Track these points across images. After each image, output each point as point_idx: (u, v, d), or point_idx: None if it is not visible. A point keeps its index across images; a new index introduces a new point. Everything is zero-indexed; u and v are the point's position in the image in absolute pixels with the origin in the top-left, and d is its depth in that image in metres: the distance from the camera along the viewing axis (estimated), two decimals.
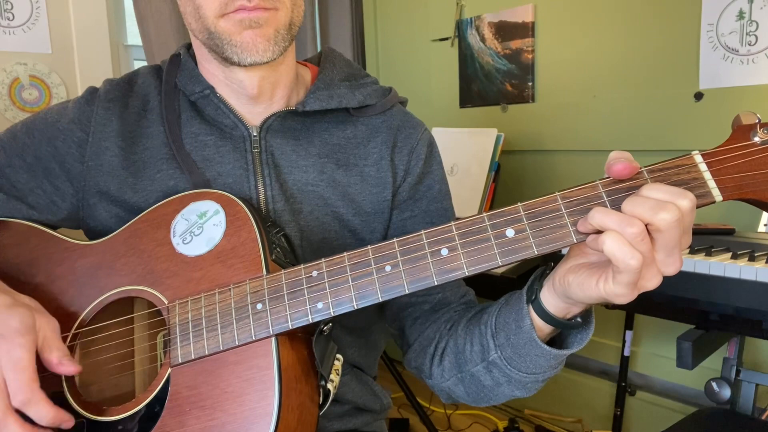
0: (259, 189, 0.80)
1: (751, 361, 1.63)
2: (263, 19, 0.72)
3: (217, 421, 0.64)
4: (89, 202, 0.82)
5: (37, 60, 1.93)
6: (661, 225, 0.52)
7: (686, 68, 1.68)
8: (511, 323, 0.68)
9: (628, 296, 0.56)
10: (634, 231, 0.52)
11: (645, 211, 0.53)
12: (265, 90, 0.81)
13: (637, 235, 0.52)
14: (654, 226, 0.53)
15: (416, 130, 0.89)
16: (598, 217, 0.55)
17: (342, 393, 0.86)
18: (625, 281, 0.54)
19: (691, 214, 0.54)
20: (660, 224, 0.52)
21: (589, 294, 0.58)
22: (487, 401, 0.76)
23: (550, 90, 2.03)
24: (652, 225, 0.53)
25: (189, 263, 0.71)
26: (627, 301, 0.56)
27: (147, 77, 0.86)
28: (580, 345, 0.67)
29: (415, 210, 0.87)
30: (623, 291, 0.55)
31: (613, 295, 0.56)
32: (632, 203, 0.54)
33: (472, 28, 2.20)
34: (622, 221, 0.53)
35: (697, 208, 0.55)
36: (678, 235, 0.53)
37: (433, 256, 0.61)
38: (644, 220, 0.53)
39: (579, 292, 0.59)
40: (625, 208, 0.54)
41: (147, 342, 0.76)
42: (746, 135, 0.56)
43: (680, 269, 0.55)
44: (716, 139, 0.58)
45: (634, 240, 0.53)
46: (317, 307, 0.64)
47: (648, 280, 0.55)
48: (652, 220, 0.52)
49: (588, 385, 2.06)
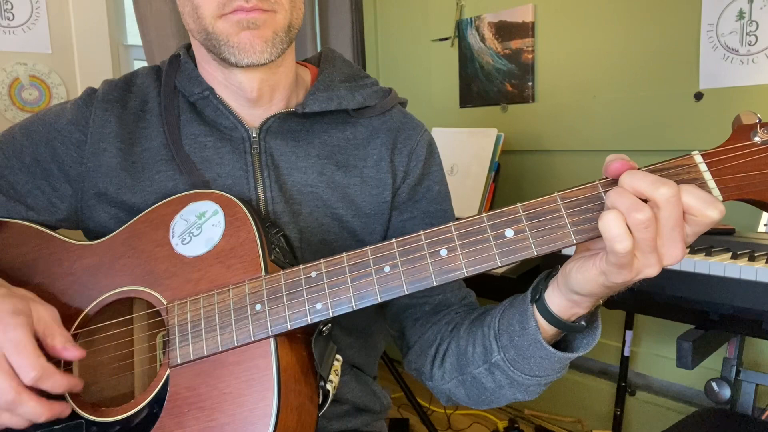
0: (259, 190, 0.80)
1: (751, 361, 1.63)
2: (261, 21, 0.71)
3: (216, 422, 0.64)
4: (88, 203, 0.82)
5: (37, 60, 1.93)
6: (660, 199, 0.51)
7: (686, 68, 1.68)
8: (515, 324, 0.68)
9: (623, 276, 0.55)
10: (641, 217, 0.51)
11: (645, 185, 0.52)
12: (265, 93, 0.80)
13: (643, 221, 0.51)
14: (652, 200, 0.52)
15: (416, 132, 0.88)
16: (612, 195, 0.53)
17: (342, 393, 0.86)
18: (614, 262, 0.54)
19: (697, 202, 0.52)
20: (659, 198, 0.51)
21: (588, 275, 0.57)
22: (487, 404, 0.76)
23: (550, 90, 2.03)
24: (651, 200, 0.52)
25: (188, 264, 0.71)
26: (625, 279, 0.55)
27: (146, 78, 0.86)
28: (585, 349, 0.67)
29: (414, 211, 0.87)
30: (615, 270, 0.54)
31: (610, 273, 0.55)
32: (632, 176, 0.53)
33: (472, 28, 2.20)
34: (632, 205, 0.52)
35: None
36: (677, 215, 0.52)
37: (432, 256, 0.61)
38: (643, 194, 0.52)
39: (579, 276, 0.58)
40: (624, 180, 0.53)
41: (146, 342, 0.76)
42: (746, 135, 0.56)
43: (681, 260, 0.54)
44: (716, 139, 0.58)
45: (638, 226, 0.51)
46: (316, 307, 0.64)
47: (648, 267, 0.54)
48: (652, 194, 0.52)
49: (588, 385, 2.06)
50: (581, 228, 0.57)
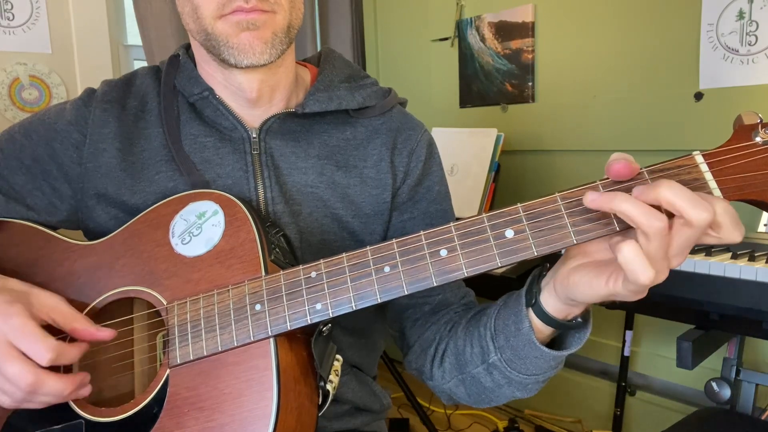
0: (259, 191, 0.80)
1: (751, 361, 1.63)
2: (260, 21, 0.71)
3: (215, 422, 0.64)
4: (88, 203, 0.81)
5: (37, 60, 1.93)
6: (696, 222, 0.50)
7: (686, 68, 1.68)
8: (510, 325, 0.68)
9: (639, 296, 0.55)
10: (661, 225, 0.50)
11: (684, 203, 0.50)
12: (264, 93, 0.80)
13: (661, 230, 0.50)
14: (687, 220, 0.50)
15: (416, 132, 0.88)
16: (626, 205, 0.51)
17: (342, 393, 0.86)
18: (633, 289, 0.54)
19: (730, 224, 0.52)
20: (695, 220, 0.50)
21: (598, 293, 0.57)
22: (488, 402, 0.76)
23: (550, 90, 2.03)
24: (685, 219, 0.50)
25: (188, 264, 0.70)
26: (640, 297, 0.56)
27: (145, 78, 0.85)
28: (578, 344, 0.67)
29: (414, 211, 0.87)
30: (633, 295, 0.55)
31: (624, 296, 0.56)
32: (672, 188, 0.50)
33: (472, 28, 2.20)
34: (651, 214, 0.50)
35: None
36: (701, 235, 0.52)
37: (432, 257, 0.61)
38: (678, 211, 0.50)
39: (587, 291, 0.58)
40: (662, 191, 0.50)
41: (146, 342, 0.76)
42: (747, 135, 0.55)
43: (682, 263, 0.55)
44: (716, 139, 0.58)
45: (656, 235, 0.50)
46: (316, 308, 0.64)
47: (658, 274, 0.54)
48: (689, 214, 0.50)
49: (588, 385, 2.06)
50: (581, 228, 0.57)
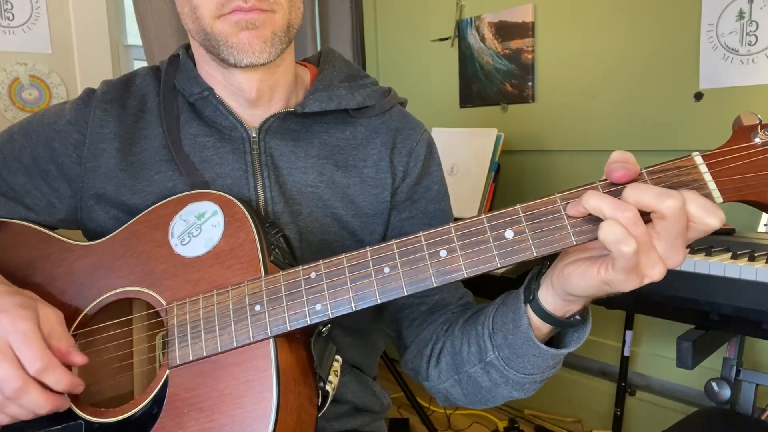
0: (259, 190, 0.80)
1: (751, 361, 1.63)
2: (260, 21, 0.71)
3: (215, 422, 0.64)
4: (87, 203, 0.81)
5: (37, 60, 1.93)
6: (667, 212, 0.52)
7: (686, 68, 1.68)
8: (508, 323, 0.68)
9: (631, 282, 0.55)
10: (628, 215, 0.52)
11: (651, 198, 0.52)
12: (264, 93, 0.80)
13: (630, 218, 0.52)
14: (659, 213, 0.52)
15: (415, 131, 0.88)
16: (593, 201, 0.54)
17: (341, 393, 0.86)
18: (622, 267, 0.53)
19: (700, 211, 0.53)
20: (666, 211, 0.52)
21: (591, 282, 0.57)
22: (484, 403, 0.75)
23: (550, 90, 2.03)
24: (656, 212, 0.52)
25: (187, 264, 0.70)
26: (633, 287, 0.55)
27: (145, 78, 0.85)
28: (577, 344, 0.67)
29: (413, 211, 0.87)
30: (623, 277, 0.54)
31: (617, 282, 0.55)
32: (636, 189, 0.53)
33: (472, 28, 2.20)
34: (617, 206, 0.52)
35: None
36: (682, 225, 0.52)
37: (432, 257, 0.61)
38: (648, 207, 0.52)
39: (581, 282, 0.58)
40: (628, 193, 0.53)
41: (146, 343, 0.76)
42: (747, 136, 0.55)
43: (683, 263, 0.55)
44: (716, 140, 0.58)
45: (627, 225, 0.52)
46: (315, 308, 0.64)
47: (650, 268, 0.54)
48: (658, 206, 0.52)
49: (588, 385, 2.06)
50: (581, 229, 0.57)
